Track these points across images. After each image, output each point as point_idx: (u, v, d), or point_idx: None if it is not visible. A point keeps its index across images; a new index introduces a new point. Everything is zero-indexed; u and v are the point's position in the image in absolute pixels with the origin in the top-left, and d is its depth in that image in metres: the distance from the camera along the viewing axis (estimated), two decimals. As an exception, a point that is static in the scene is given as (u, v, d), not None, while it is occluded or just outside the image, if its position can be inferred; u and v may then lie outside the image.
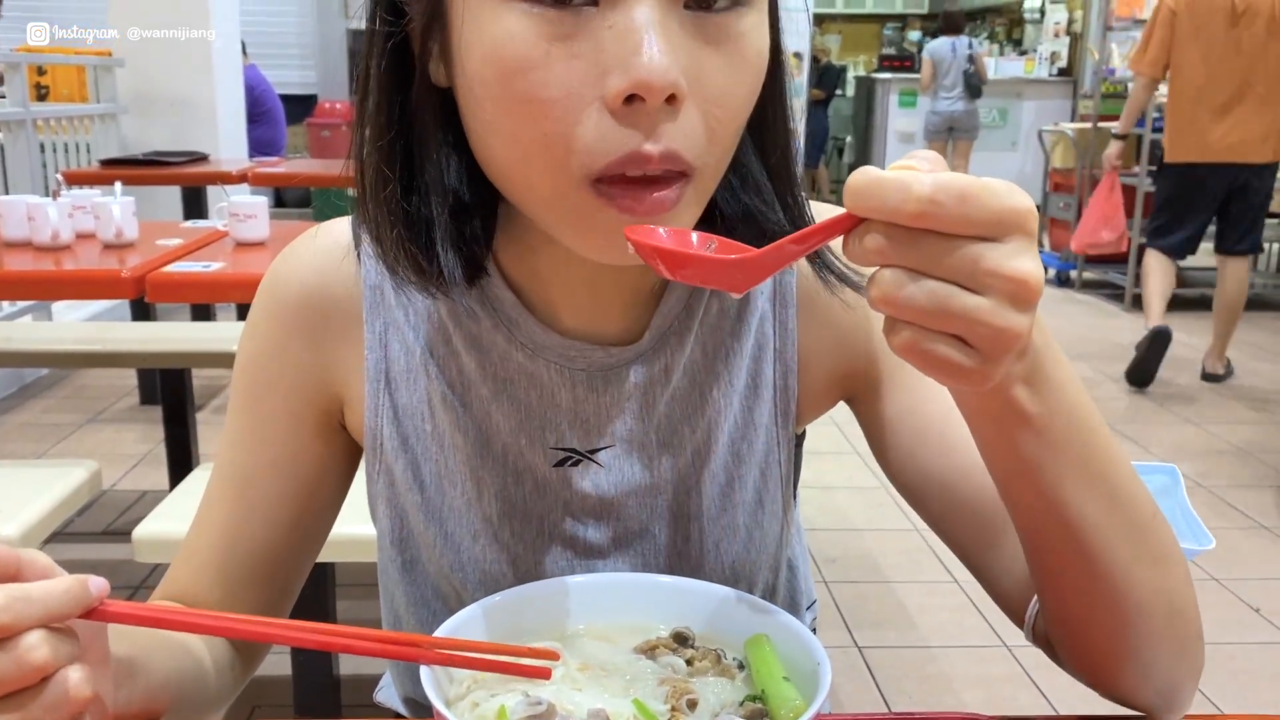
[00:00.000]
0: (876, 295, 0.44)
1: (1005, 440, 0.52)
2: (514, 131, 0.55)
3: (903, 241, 0.43)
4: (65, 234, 2.31)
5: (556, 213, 0.58)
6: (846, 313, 0.73)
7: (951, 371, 0.45)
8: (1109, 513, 0.55)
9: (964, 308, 0.43)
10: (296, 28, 9.50)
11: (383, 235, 0.64)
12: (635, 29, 0.52)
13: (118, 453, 3.51)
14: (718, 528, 0.74)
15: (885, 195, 0.42)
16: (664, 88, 0.52)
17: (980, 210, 0.42)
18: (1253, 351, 5.10)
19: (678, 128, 0.54)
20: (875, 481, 3.30)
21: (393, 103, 0.62)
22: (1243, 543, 3.00)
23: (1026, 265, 0.43)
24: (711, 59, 0.55)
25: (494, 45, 0.54)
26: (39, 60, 5.40)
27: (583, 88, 0.53)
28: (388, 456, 0.74)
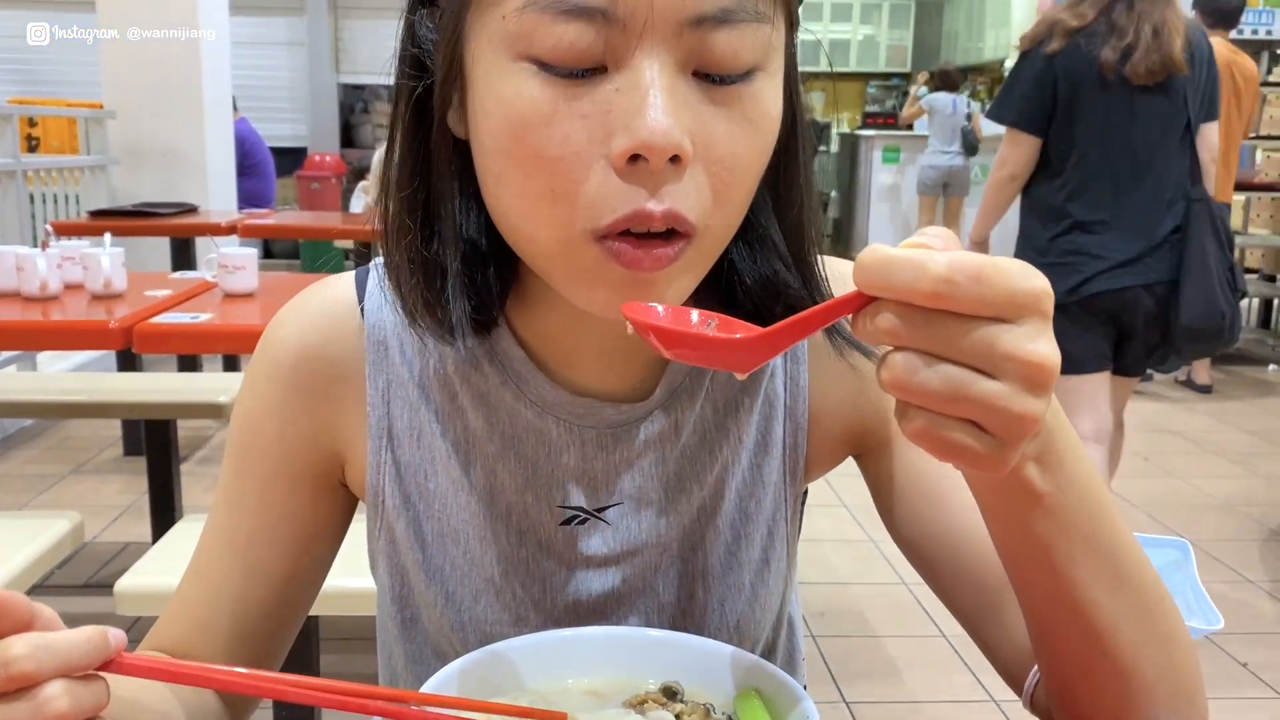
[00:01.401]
0: (889, 379, 0.43)
1: (1016, 519, 0.51)
2: (521, 185, 0.56)
3: (916, 323, 0.42)
4: (54, 284, 2.32)
5: (560, 267, 0.59)
6: (859, 371, 0.73)
7: (967, 458, 0.44)
8: (1116, 593, 0.54)
9: (981, 393, 0.42)
10: (288, 81, 9.60)
11: (402, 282, 0.65)
12: (641, 91, 0.53)
13: (100, 504, 3.48)
14: (723, 586, 0.73)
15: (898, 274, 0.41)
16: (667, 148, 0.53)
17: (995, 291, 0.41)
18: (1235, 406, 5.13)
19: (681, 188, 0.55)
20: (863, 535, 3.29)
21: (415, 154, 0.63)
22: (1228, 596, 2.99)
23: (1043, 348, 0.42)
24: (720, 122, 0.56)
25: (505, 101, 0.55)
26: (31, 112, 5.44)
27: (589, 146, 0.54)
28: (389, 514, 0.74)
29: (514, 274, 0.68)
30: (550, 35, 0.53)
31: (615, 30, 0.53)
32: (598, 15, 0.52)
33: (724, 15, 0.54)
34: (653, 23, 0.53)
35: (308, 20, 9.43)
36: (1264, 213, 6.69)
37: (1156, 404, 5.12)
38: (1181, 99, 2.42)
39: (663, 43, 0.53)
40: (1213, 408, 5.08)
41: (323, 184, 8.51)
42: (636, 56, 0.53)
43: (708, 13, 0.53)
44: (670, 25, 0.53)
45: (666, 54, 0.53)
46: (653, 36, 0.53)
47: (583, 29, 0.52)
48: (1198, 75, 2.46)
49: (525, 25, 0.53)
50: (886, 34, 11.57)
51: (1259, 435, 4.63)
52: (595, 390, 0.71)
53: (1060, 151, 2.50)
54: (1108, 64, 2.36)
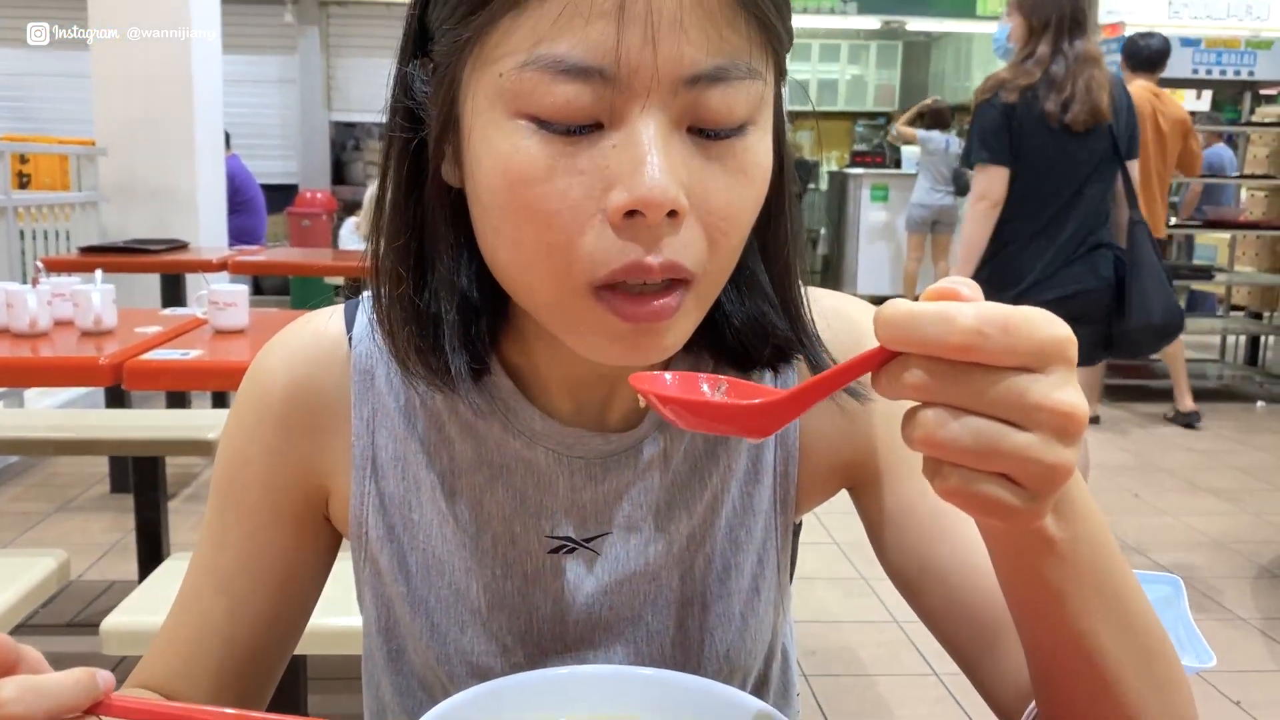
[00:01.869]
0: (920, 437, 0.42)
1: (1029, 567, 0.51)
2: (518, 239, 0.57)
3: (945, 377, 0.41)
4: (43, 321, 2.31)
5: (558, 317, 0.59)
6: (850, 401, 0.73)
7: (1000, 513, 0.43)
8: (1122, 638, 0.54)
9: (1014, 446, 0.41)
10: (279, 118, 9.65)
11: (395, 332, 0.65)
12: (638, 147, 0.53)
13: (86, 542, 3.45)
14: (712, 615, 0.73)
15: (926, 328, 0.41)
16: (664, 204, 0.53)
17: (1024, 340, 0.41)
18: (1224, 443, 5.15)
19: (679, 240, 0.55)
20: (854, 572, 3.28)
21: (408, 204, 0.64)
22: (1220, 633, 2.99)
23: (1072, 397, 0.42)
24: (714, 176, 0.56)
25: (502, 157, 0.55)
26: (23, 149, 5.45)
27: (586, 201, 0.54)
28: (372, 546, 0.73)
29: (504, 310, 0.68)
30: (549, 94, 0.53)
31: (613, 89, 0.53)
32: (596, 75, 0.53)
33: (718, 74, 0.54)
34: (650, 82, 0.53)
35: (300, 58, 9.49)
36: (1249, 250, 6.76)
37: (1147, 441, 5.13)
38: (1109, 140, 2.93)
39: (659, 101, 0.54)
40: (1203, 444, 5.09)
41: (313, 220, 8.54)
42: (633, 114, 0.54)
43: (703, 71, 0.54)
44: (667, 84, 0.54)
45: (662, 111, 0.54)
46: (649, 95, 0.54)
47: (580, 88, 0.53)
48: (1120, 120, 2.97)
49: (524, 83, 0.54)
50: (874, 74, 11.68)
51: (1248, 472, 4.64)
52: (584, 420, 0.71)
53: (1017, 188, 2.97)
54: (1051, 114, 2.86)
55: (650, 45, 0.52)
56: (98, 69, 5.28)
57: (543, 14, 0.53)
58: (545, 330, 0.62)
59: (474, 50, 0.56)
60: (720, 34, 0.54)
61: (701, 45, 0.54)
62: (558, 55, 0.53)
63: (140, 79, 5.23)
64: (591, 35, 0.52)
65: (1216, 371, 6.69)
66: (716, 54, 0.54)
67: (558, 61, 0.53)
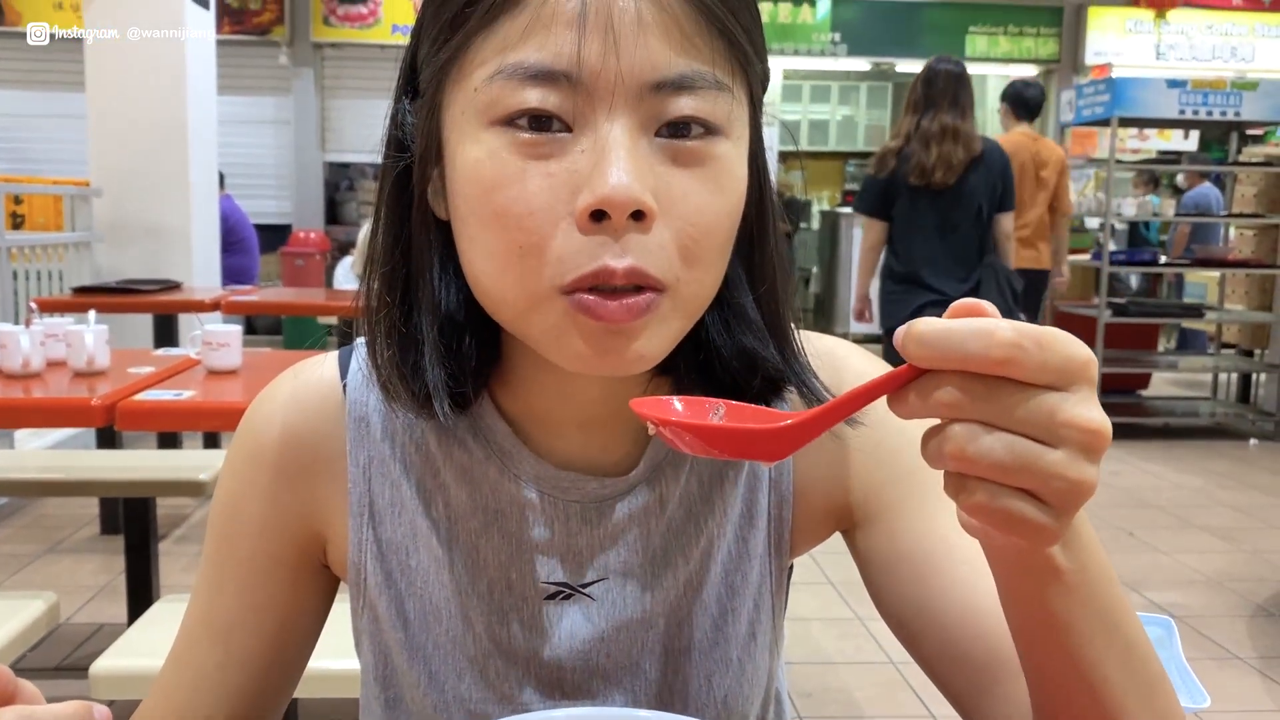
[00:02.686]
0: (951, 451, 0.42)
1: (1036, 598, 0.51)
2: (491, 244, 0.58)
3: (978, 393, 0.42)
4: (36, 362, 2.31)
5: (533, 324, 0.59)
6: (845, 444, 0.73)
7: (1025, 530, 0.43)
8: (1125, 668, 0.54)
9: (1043, 462, 0.42)
10: (274, 159, 9.69)
11: (379, 354, 0.66)
12: (603, 149, 0.55)
13: (75, 584, 3.42)
14: (710, 661, 0.72)
15: (966, 343, 0.41)
16: (627, 203, 0.54)
17: (1055, 357, 0.41)
18: (1218, 480, 5.15)
19: (645, 244, 0.56)
20: (849, 613, 3.26)
21: (397, 230, 0.65)
22: (1216, 673, 2.97)
23: (1098, 415, 0.42)
24: (684, 180, 0.57)
25: (476, 163, 0.57)
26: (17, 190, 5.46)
27: (555, 204, 0.56)
28: (370, 593, 0.73)
29: (496, 351, 0.68)
30: (517, 99, 0.56)
31: (579, 94, 0.55)
32: (561, 79, 0.55)
33: (683, 81, 0.56)
34: (614, 88, 0.55)
35: (294, 100, 9.55)
36: (1239, 289, 6.80)
37: (1140, 479, 5.13)
38: (970, 195, 3.61)
39: (624, 105, 0.56)
40: (1196, 482, 5.09)
41: (307, 260, 8.55)
42: (599, 119, 0.56)
43: (667, 79, 0.56)
44: (631, 90, 0.55)
45: (628, 116, 0.56)
46: (614, 100, 0.55)
47: (546, 93, 0.55)
48: (991, 176, 3.63)
49: (494, 92, 0.56)
50: (865, 115, 11.80)
51: (1243, 510, 4.64)
52: (579, 463, 0.71)
53: (893, 232, 3.79)
54: (913, 177, 3.63)
55: (612, 52, 0.55)
56: (94, 110, 5.31)
57: (510, 28, 0.55)
58: (536, 369, 0.62)
59: (452, 72, 0.59)
60: (685, 43, 0.56)
61: (664, 53, 0.55)
62: (523, 62, 0.55)
63: (135, 120, 5.26)
64: (554, 42, 0.55)
65: (1209, 409, 6.71)
66: (680, 62, 0.56)
67: (523, 68, 0.55)
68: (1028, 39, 9.95)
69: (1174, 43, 10.07)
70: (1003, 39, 9.92)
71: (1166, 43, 10.07)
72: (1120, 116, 5.83)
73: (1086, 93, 6.17)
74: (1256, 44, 10.11)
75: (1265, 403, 6.48)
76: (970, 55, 9.94)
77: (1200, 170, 7.47)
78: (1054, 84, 9.99)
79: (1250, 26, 10.07)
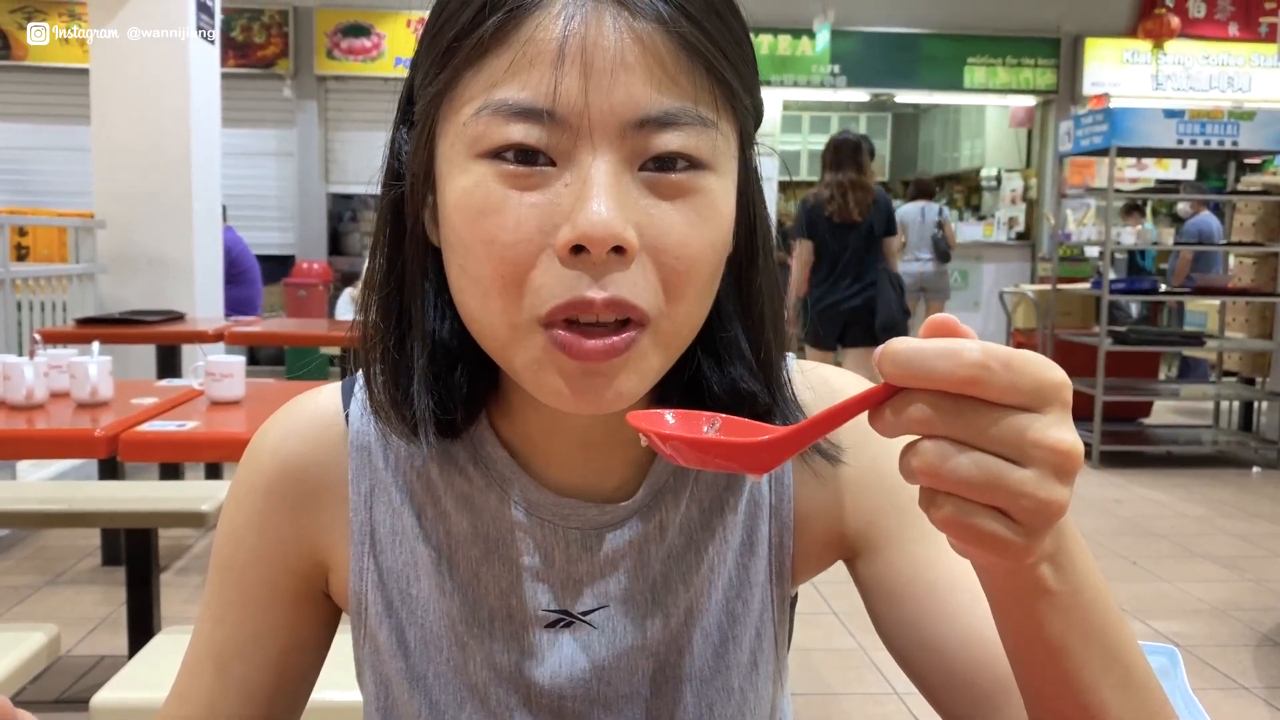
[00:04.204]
0: (920, 466, 0.43)
1: (1030, 619, 0.51)
2: (476, 272, 0.59)
3: (949, 411, 0.42)
4: (40, 393, 2.31)
5: (515, 356, 0.60)
6: (847, 472, 0.73)
7: (994, 546, 0.44)
8: (1124, 693, 0.54)
9: (1013, 481, 0.42)
10: (277, 190, 9.74)
11: (373, 380, 0.67)
12: (585, 184, 0.56)
13: (76, 615, 3.41)
14: (711, 690, 0.72)
15: (933, 362, 0.42)
16: (607, 239, 0.55)
17: (1025, 378, 0.42)
18: (1221, 509, 5.13)
19: (627, 277, 0.57)
20: (853, 643, 3.25)
21: (392, 257, 0.67)
22: (1222, 704, 2.95)
23: (1069, 436, 0.43)
24: (668, 213, 0.58)
25: (463, 192, 0.59)
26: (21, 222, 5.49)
27: (538, 235, 0.57)
28: (371, 622, 0.73)
29: (494, 379, 0.69)
30: (502, 134, 0.57)
31: (563, 130, 0.56)
32: (544, 116, 0.56)
33: (666, 118, 0.57)
34: (596, 125, 0.56)
35: (298, 132, 9.61)
36: (1239, 316, 6.81)
37: (1143, 507, 5.12)
38: (868, 227, 5.10)
39: (607, 141, 0.56)
40: (1199, 510, 5.08)
41: (310, 291, 8.58)
42: (583, 153, 0.57)
43: (650, 115, 0.57)
44: (613, 126, 0.56)
45: (612, 152, 0.57)
46: (596, 137, 0.56)
47: (530, 128, 0.56)
48: (881, 213, 5.15)
49: (480, 126, 0.57)
50: (864, 145, 11.86)
51: (1246, 538, 4.62)
52: (579, 490, 0.71)
53: (816, 252, 5.18)
54: (828, 214, 5.09)
55: (594, 89, 0.56)
56: (98, 142, 5.35)
57: (497, 65, 0.57)
58: (533, 400, 0.63)
59: (442, 105, 0.60)
60: (667, 81, 0.57)
61: (646, 91, 0.56)
62: (506, 100, 0.56)
63: (140, 152, 5.29)
64: (536, 80, 0.56)
65: (1211, 437, 6.69)
66: (663, 99, 0.57)
67: (507, 105, 0.56)
68: (1025, 70, 10.01)
69: (1171, 73, 10.14)
70: (1001, 70, 9.99)
71: (1164, 73, 10.14)
72: (1118, 146, 5.86)
73: (1084, 123, 6.21)
74: (1253, 74, 10.17)
75: (1267, 431, 6.47)
76: (969, 86, 10.01)
77: (1199, 199, 7.50)
78: (1052, 114, 10.05)
79: (1247, 57, 10.14)
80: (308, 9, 9.41)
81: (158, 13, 5.22)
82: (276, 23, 9.42)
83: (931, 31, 9.91)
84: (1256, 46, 10.03)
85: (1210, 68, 10.15)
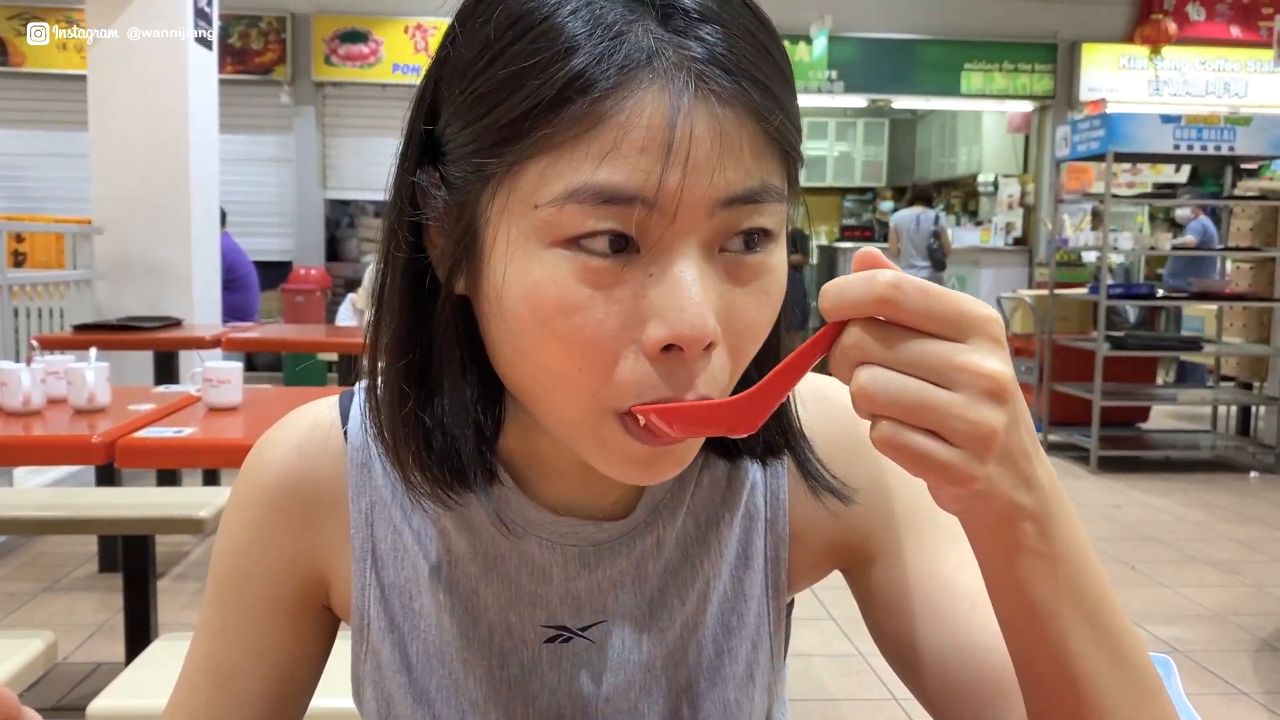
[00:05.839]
0: (855, 390, 0.47)
1: (1015, 582, 0.52)
2: (546, 363, 0.56)
3: (877, 337, 0.46)
4: (37, 399, 2.31)
5: (577, 434, 0.59)
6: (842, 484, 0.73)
7: (934, 467, 0.47)
8: (1115, 668, 0.54)
9: (939, 401, 0.46)
10: (275, 196, 9.73)
11: (400, 452, 0.64)
12: (675, 280, 0.53)
13: (73, 622, 3.40)
14: (708, 702, 0.72)
15: (850, 289, 0.46)
16: (704, 339, 0.53)
17: (942, 306, 0.46)
18: (1220, 514, 5.14)
19: (710, 371, 0.56)
20: (852, 649, 3.25)
21: (413, 325, 0.63)
22: (1222, 709, 2.95)
23: (995, 363, 0.46)
24: (741, 299, 0.57)
25: (535, 287, 0.55)
26: (19, 229, 5.49)
27: (621, 331, 0.54)
28: (374, 637, 0.73)
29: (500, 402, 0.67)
30: (586, 223, 0.53)
31: (651, 216, 0.53)
32: (636, 202, 0.52)
33: (750, 195, 0.55)
34: (687, 210, 0.53)
35: (296, 138, 9.62)
36: (1236, 321, 6.82)
37: (1141, 513, 5.12)
38: None
39: (694, 225, 0.54)
40: (1198, 516, 5.08)
41: (307, 297, 8.58)
42: (670, 240, 0.54)
43: (736, 194, 0.54)
44: (704, 207, 0.54)
45: (696, 236, 0.54)
46: (687, 222, 0.54)
47: (618, 214, 0.52)
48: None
49: (561, 216, 0.53)
50: (862, 150, 11.89)
51: (1245, 543, 4.63)
52: (577, 508, 0.71)
53: None
54: None
55: (692, 175, 0.52)
56: (96, 148, 5.35)
57: (588, 152, 0.52)
58: (538, 425, 0.62)
59: (503, 180, 0.55)
60: (754, 162, 0.55)
61: (738, 172, 0.54)
62: (599, 187, 0.52)
63: (138, 158, 5.30)
64: (632, 168, 0.52)
65: (1209, 442, 6.70)
66: (749, 178, 0.55)
67: (599, 194, 0.52)
68: (1023, 75, 10.03)
69: (1168, 78, 10.16)
70: (998, 75, 10.01)
71: (1160, 78, 10.16)
72: (1115, 151, 5.87)
73: (1081, 128, 6.22)
74: (1249, 79, 10.19)
75: (1265, 435, 6.48)
76: (966, 92, 10.03)
77: (1196, 204, 7.51)
78: (1049, 119, 10.07)
79: (1243, 62, 10.16)
80: (305, 15, 9.41)
81: (155, 16, 5.23)
82: (274, 29, 9.43)
83: (929, 37, 9.93)
84: (1253, 52, 10.05)
85: (1207, 73, 10.17)
